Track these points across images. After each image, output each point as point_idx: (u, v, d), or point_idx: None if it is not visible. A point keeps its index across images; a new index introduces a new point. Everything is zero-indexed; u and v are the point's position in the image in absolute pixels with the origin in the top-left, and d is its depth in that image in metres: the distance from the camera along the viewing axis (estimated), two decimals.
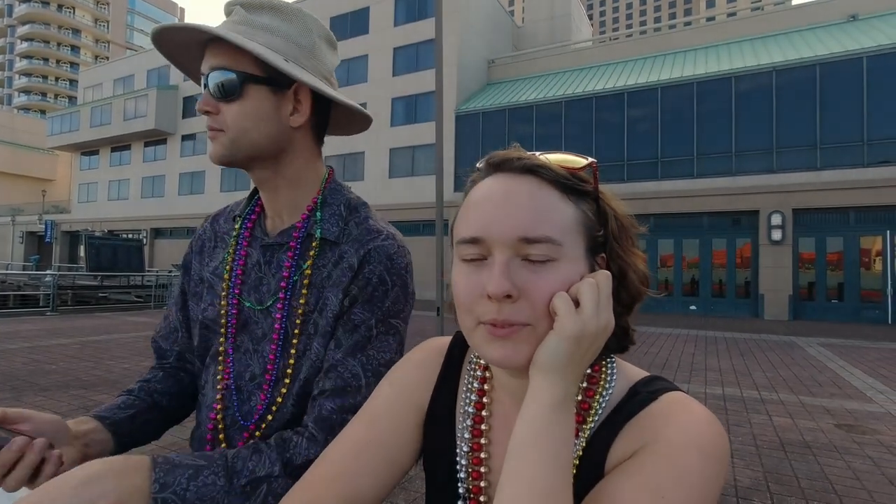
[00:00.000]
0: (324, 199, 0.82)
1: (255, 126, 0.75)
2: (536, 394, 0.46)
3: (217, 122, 0.75)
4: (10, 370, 5.57)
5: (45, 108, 64.61)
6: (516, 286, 0.47)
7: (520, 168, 0.51)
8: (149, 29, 44.07)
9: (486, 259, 0.49)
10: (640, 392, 0.52)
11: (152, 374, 0.87)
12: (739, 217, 16.11)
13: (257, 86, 0.74)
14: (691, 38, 19.63)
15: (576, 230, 0.50)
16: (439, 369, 0.64)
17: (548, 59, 22.61)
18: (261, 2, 0.77)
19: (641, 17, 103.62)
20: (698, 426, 0.47)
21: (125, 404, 0.79)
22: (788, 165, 15.35)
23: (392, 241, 0.79)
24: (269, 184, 0.81)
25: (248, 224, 0.84)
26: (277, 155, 0.79)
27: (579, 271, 0.49)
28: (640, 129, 17.61)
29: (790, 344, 9.77)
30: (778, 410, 4.86)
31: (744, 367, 7.12)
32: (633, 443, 0.48)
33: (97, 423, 0.72)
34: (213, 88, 0.74)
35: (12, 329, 8.99)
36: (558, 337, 0.45)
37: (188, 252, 0.92)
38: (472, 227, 0.50)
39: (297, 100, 0.78)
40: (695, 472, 0.44)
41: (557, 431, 0.45)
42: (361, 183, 23.51)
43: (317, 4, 25.79)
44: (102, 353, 6.99)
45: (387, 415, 0.61)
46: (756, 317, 15.41)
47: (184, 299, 0.90)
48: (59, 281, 13.18)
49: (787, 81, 15.52)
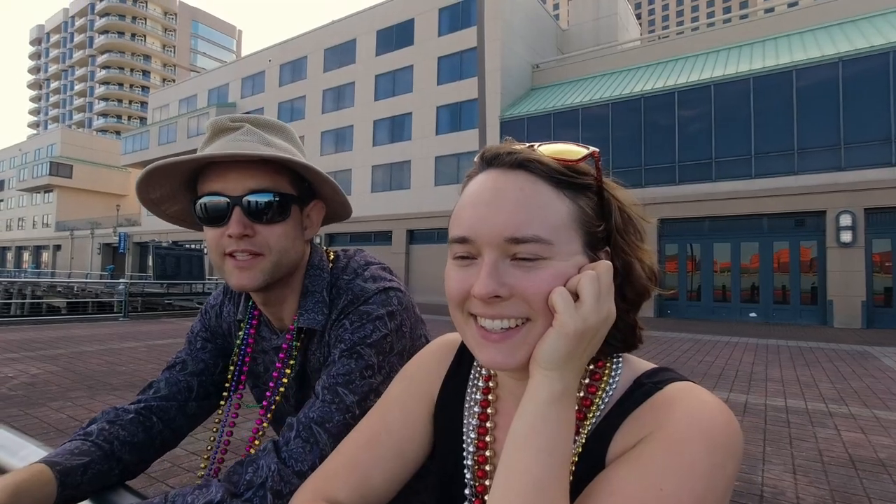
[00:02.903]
0: (304, 289, 0.81)
1: (293, 245, 0.77)
2: (534, 390, 0.45)
3: (256, 245, 0.73)
4: (87, 370, 6.05)
5: (119, 130, 69.95)
6: (506, 285, 0.46)
7: (510, 163, 0.49)
8: (211, 52, 46.55)
9: (475, 258, 0.49)
10: (644, 384, 0.50)
11: (122, 414, 0.80)
12: (803, 218, 15.11)
13: (295, 206, 0.77)
14: (747, 31, 18.69)
15: (570, 227, 0.48)
16: (449, 364, 0.64)
17: (594, 62, 22.18)
18: (265, 121, 0.80)
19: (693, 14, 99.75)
20: (704, 413, 0.44)
21: (79, 450, 0.70)
22: (858, 162, 14.27)
23: (376, 300, 0.78)
24: (278, 297, 0.82)
25: (251, 330, 0.87)
26: (293, 270, 0.80)
27: (576, 267, 0.47)
28: (692, 129, 16.91)
29: (863, 354, 9.03)
30: (848, 425, 4.51)
31: (809, 378, 6.66)
32: (635, 434, 0.46)
33: (36, 472, 0.64)
34: (254, 211, 0.72)
35: (90, 333, 9.75)
36: (558, 334, 0.44)
37: (201, 331, 0.94)
38: (462, 227, 0.49)
39: (307, 214, 0.80)
40: (699, 463, 0.41)
41: (554, 427, 0.44)
42: (407, 191, 23.92)
43: (363, 19, 26.64)
44: (167, 356, 7.46)
45: (398, 406, 0.62)
46: (824, 324, 14.35)
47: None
48: (130, 289, 14.18)
49: (855, 72, 14.47)
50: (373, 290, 0.79)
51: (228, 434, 0.89)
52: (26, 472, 0.63)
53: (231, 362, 0.90)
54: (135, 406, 0.83)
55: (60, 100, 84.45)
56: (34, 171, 50.99)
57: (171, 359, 0.92)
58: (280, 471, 0.65)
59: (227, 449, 0.88)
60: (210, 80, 35.98)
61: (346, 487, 0.57)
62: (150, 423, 0.82)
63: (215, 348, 0.93)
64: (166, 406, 0.85)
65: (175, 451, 3.31)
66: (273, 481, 0.64)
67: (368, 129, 25.95)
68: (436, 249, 22.31)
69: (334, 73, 27.72)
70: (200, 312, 0.96)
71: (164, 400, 0.85)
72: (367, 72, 26.20)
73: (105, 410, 0.83)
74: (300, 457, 0.67)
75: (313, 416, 0.70)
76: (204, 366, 0.90)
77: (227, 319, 0.92)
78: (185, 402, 0.87)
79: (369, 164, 25.63)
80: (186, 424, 0.88)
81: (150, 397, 0.85)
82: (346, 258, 0.87)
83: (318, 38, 28.57)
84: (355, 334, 0.75)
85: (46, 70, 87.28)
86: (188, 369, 0.89)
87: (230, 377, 0.88)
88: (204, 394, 0.89)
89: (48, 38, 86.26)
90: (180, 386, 0.87)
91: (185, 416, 0.87)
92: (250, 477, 0.64)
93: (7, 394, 4.83)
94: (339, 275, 0.83)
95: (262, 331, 0.88)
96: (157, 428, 0.83)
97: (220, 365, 0.92)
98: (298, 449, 0.67)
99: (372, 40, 26.16)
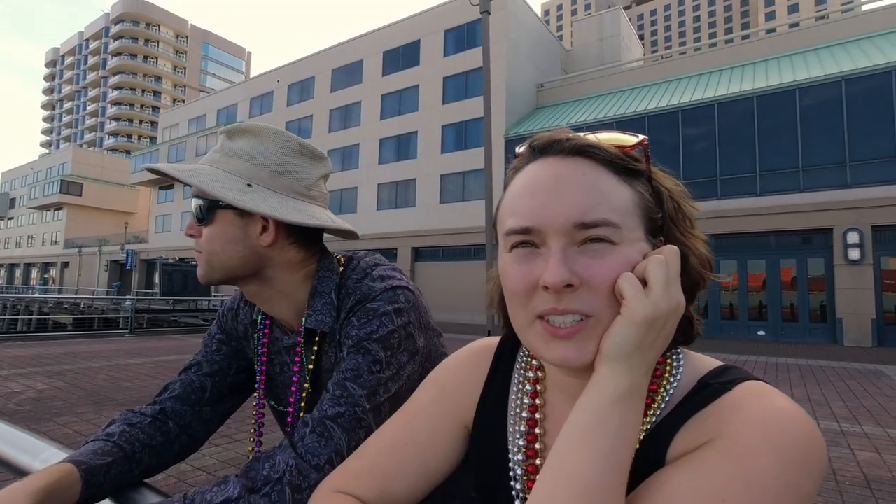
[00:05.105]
0: (314, 290, 0.83)
1: (223, 248, 0.79)
2: (599, 384, 0.42)
3: (197, 244, 0.82)
4: (93, 386, 6.06)
5: (130, 149, 71.10)
6: (576, 274, 0.43)
7: (569, 149, 0.47)
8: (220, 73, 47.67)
9: (538, 248, 0.46)
10: (710, 385, 0.45)
11: (140, 417, 0.83)
12: (811, 235, 15.04)
13: (223, 211, 0.79)
14: (750, 51, 18.90)
15: (633, 212, 0.46)
16: (487, 371, 0.61)
17: (598, 81, 22.45)
18: (241, 127, 0.84)
19: (696, 35, 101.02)
20: (778, 422, 0.38)
21: (102, 451, 0.73)
22: (864, 179, 14.25)
23: (384, 297, 0.79)
24: (261, 297, 0.85)
25: (265, 330, 0.90)
26: (257, 272, 0.82)
27: (640, 254, 0.45)
28: (697, 147, 17.00)
29: (875, 372, 8.89)
30: (862, 444, 4.43)
31: (821, 396, 6.55)
32: (697, 438, 0.42)
33: (63, 473, 0.65)
34: (194, 214, 0.81)
35: (96, 349, 9.78)
36: (627, 321, 0.41)
37: (218, 333, 0.97)
38: (523, 217, 0.46)
39: (265, 219, 0.80)
40: (768, 479, 0.36)
41: (617, 427, 0.40)
42: (413, 209, 24.06)
43: (370, 40, 27.15)
44: (172, 371, 7.45)
45: (426, 417, 0.60)
46: (834, 342, 14.16)
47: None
48: (137, 305, 14.23)
49: (858, 91, 14.55)
50: (380, 288, 0.80)
51: (259, 435, 0.92)
52: (57, 472, 0.65)
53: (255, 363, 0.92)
54: (151, 409, 0.86)
55: (73, 120, 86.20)
56: (45, 190, 51.71)
57: (188, 361, 0.94)
58: (298, 465, 0.66)
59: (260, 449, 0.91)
60: (219, 101, 36.63)
61: (368, 490, 0.56)
62: (166, 427, 0.84)
63: (230, 350, 0.95)
64: (181, 410, 0.87)
65: (180, 467, 3.30)
66: (291, 475, 0.65)
67: (374, 148, 26.23)
68: (441, 267, 22.33)
69: (341, 92, 28.16)
70: (217, 316, 0.99)
71: (178, 400, 0.87)
72: (374, 92, 26.61)
73: (123, 413, 0.85)
74: (316, 451, 0.67)
75: (325, 411, 0.71)
76: (218, 367, 0.92)
77: (244, 322, 0.94)
78: (198, 403, 0.88)
79: (375, 182, 25.83)
80: (202, 430, 0.89)
81: (165, 398, 0.88)
82: (356, 260, 0.88)
83: (326, 59, 29.11)
84: (362, 330, 0.76)
85: (60, 91, 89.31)
86: (203, 370, 0.91)
87: (257, 377, 0.90)
88: (217, 395, 0.91)
89: (63, 61, 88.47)
90: (194, 386, 0.89)
91: (200, 420, 0.88)
92: (267, 472, 0.65)
93: (14, 409, 4.84)
94: (349, 275, 0.84)
95: (275, 332, 0.90)
96: (175, 432, 0.85)
97: (234, 367, 0.94)
98: (314, 443, 0.68)
99: (378, 61, 26.63)
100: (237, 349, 0.95)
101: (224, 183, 0.78)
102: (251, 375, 0.95)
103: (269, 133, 0.83)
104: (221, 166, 0.81)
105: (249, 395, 0.97)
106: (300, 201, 0.83)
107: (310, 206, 0.84)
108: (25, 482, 0.62)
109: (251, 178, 0.80)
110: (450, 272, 21.75)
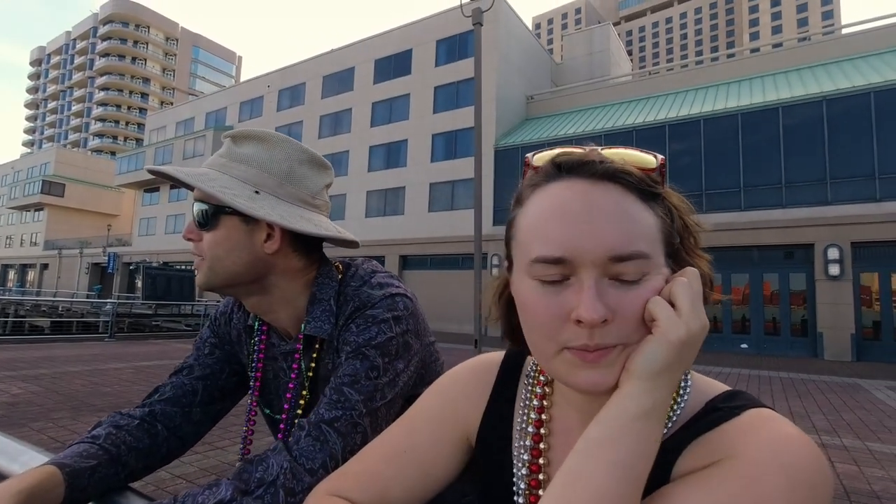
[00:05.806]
0: (313, 297, 0.83)
1: (228, 254, 0.78)
2: (623, 400, 0.41)
3: (198, 249, 0.80)
4: (71, 391, 5.91)
5: (115, 150, 70.10)
6: (610, 308, 0.42)
7: (601, 173, 0.45)
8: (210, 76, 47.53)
9: (568, 279, 0.44)
10: (719, 409, 0.46)
11: (127, 419, 0.81)
12: (793, 250, 15.34)
13: (228, 217, 0.78)
14: (735, 69, 19.35)
15: (657, 238, 0.45)
16: (492, 386, 0.60)
17: (587, 94, 22.76)
18: (247, 133, 0.83)
19: (682, 52, 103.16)
20: (789, 446, 0.39)
21: (87, 453, 0.71)
22: (844, 197, 14.60)
23: (383, 305, 0.79)
24: (262, 307, 0.84)
25: (262, 336, 0.88)
26: (260, 280, 0.81)
27: (663, 280, 0.45)
28: (682, 162, 17.28)
29: (854, 386, 9.05)
30: (841, 457, 4.49)
31: (801, 409, 6.65)
32: (705, 458, 0.42)
33: (46, 475, 0.64)
34: (195, 218, 0.80)
35: (74, 353, 9.55)
36: (660, 341, 0.41)
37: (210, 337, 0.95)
38: (554, 245, 0.44)
39: (271, 227, 0.80)
40: (776, 500, 0.36)
41: (635, 441, 0.39)
42: (402, 217, 24.03)
43: (362, 48, 27.25)
44: (153, 377, 7.31)
45: (428, 426, 0.59)
46: (815, 356, 14.39)
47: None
48: (118, 309, 13.96)
49: (839, 111, 14.95)
50: (379, 295, 0.80)
51: (248, 442, 0.90)
52: (38, 474, 0.63)
53: (248, 368, 0.91)
54: (140, 411, 0.84)
55: (57, 119, 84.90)
56: (26, 190, 50.65)
57: (179, 364, 0.93)
58: (292, 468, 0.65)
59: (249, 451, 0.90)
60: (208, 104, 36.34)
61: (364, 495, 0.56)
62: (154, 430, 0.83)
63: (223, 354, 0.94)
64: (171, 412, 0.85)
65: (159, 475, 3.22)
66: (285, 478, 0.64)
67: (364, 155, 26.23)
68: (429, 275, 22.28)
69: (332, 99, 28.16)
70: (209, 320, 0.98)
71: (169, 402, 0.86)
72: (365, 99, 26.65)
73: (111, 415, 0.83)
74: (311, 454, 0.67)
75: (322, 415, 0.71)
76: (210, 371, 0.91)
77: (237, 326, 0.93)
78: (189, 406, 0.87)
79: (364, 190, 25.80)
80: (192, 432, 0.88)
81: (154, 400, 0.86)
82: (354, 267, 0.88)
83: (318, 66, 29.13)
84: (360, 336, 0.76)
85: (45, 90, 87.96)
86: (194, 374, 0.90)
87: (251, 383, 0.89)
88: (208, 398, 0.90)
89: (48, 60, 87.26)
90: (185, 389, 0.88)
91: (190, 422, 0.87)
92: (261, 475, 0.65)
93: None
94: (347, 283, 0.84)
95: (272, 337, 0.89)
96: (163, 435, 0.83)
97: (227, 371, 0.93)
98: (309, 447, 0.67)
99: (370, 69, 26.72)
100: (230, 353, 0.94)
101: (233, 189, 0.78)
102: (243, 379, 0.94)
103: (277, 140, 0.83)
104: (229, 171, 0.80)
105: (241, 399, 0.96)
106: (306, 210, 0.83)
107: (315, 214, 0.84)
108: (6, 484, 0.61)
109: (259, 184, 0.80)
110: (437, 281, 21.71)
